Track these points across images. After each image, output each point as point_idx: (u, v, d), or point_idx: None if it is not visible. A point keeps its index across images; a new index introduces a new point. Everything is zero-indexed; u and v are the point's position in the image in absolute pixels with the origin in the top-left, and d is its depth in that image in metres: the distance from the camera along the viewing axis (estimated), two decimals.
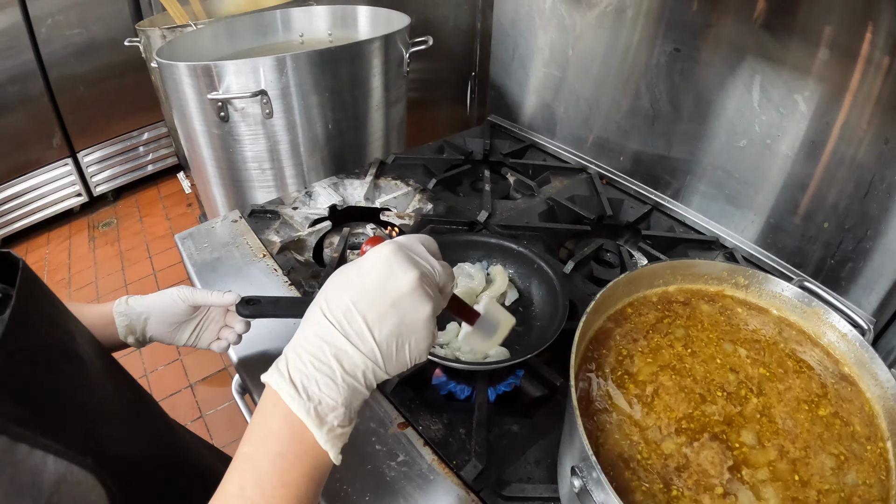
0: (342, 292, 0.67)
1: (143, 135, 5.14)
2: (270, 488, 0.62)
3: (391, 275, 0.67)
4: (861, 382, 0.90)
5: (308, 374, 0.64)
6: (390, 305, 0.66)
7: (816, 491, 0.75)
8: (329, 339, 0.65)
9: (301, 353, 0.66)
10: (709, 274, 1.01)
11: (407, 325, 0.67)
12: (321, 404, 0.64)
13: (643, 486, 0.73)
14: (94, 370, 0.89)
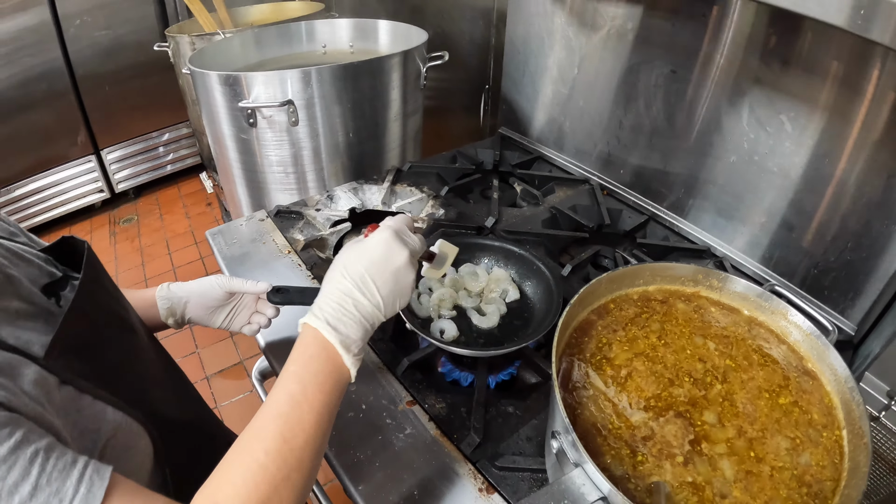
0: (357, 262, 0.92)
1: (165, 135, 5.26)
2: (311, 393, 0.82)
3: (390, 252, 0.93)
4: (822, 377, 0.99)
5: (338, 318, 0.87)
6: (391, 273, 0.93)
7: (770, 467, 0.86)
8: (350, 294, 0.90)
9: (331, 303, 0.89)
10: (685, 276, 1.12)
11: (400, 287, 0.94)
12: (347, 338, 0.87)
13: (612, 451, 0.85)
14: (143, 341, 1.05)
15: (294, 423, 0.79)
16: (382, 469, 1.08)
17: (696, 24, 1.57)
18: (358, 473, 1.08)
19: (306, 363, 0.85)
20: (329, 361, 0.85)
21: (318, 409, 0.82)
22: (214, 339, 3.67)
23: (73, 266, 1.01)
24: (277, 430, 0.77)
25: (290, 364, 0.85)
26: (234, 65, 2.61)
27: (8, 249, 0.93)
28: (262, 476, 0.73)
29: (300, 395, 0.81)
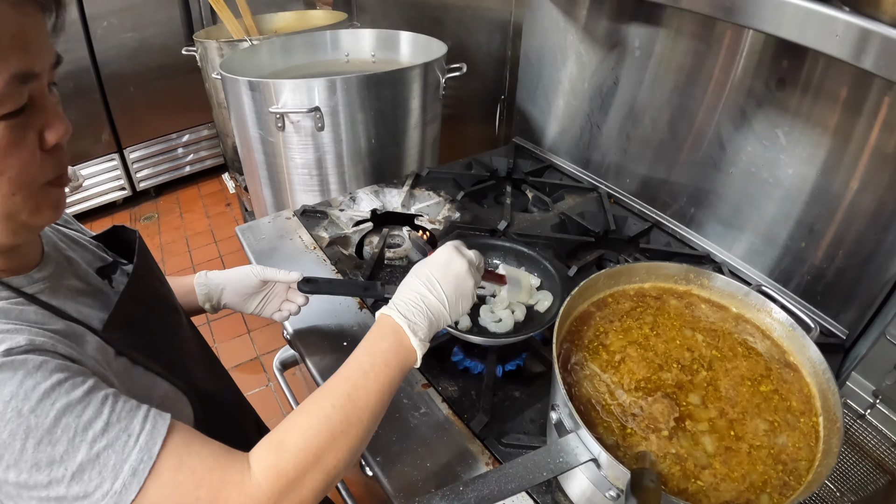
0: (425, 267, 1.07)
1: (187, 136, 5.37)
2: (378, 366, 0.95)
3: (451, 260, 1.08)
4: (803, 369, 1.08)
5: (409, 309, 1.01)
6: (453, 276, 1.06)
7: (749, 445, 0.95)
8: (419, 290, 1.04)
9: (405, 299, 1.03)
10: (678, 274, 1.22)
11: (461, 290, 1.07)
12: (415, 324, 1.00)
13: (604, 424, 0.96)
14: (184, 322, 1.18)
15: (360, 387, 0.92)
16: (399, 443, 1.19)
17: (699, 44, 1.65)
18: (377, 445, 1.19)
19: (378, 342, 0.98)
20: (396, 343, 0.98)
21: (381, 379, 0.94)
22: (232, 334, 3.77)
23: (119, 253, 1.14)
24: (344, 391, 0.91)
25: (364, 342, 0.99)
26: (261, 71, 2.72)
27: (66, 235, 1.05)
28: (327, 425, 0.86)
29: (368, 365, 0.95)
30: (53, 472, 0.70)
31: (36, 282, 0.87)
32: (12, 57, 0.68)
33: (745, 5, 1.10)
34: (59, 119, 0.78)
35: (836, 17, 0.96)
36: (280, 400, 3.35)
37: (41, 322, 0.81)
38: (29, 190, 0.76)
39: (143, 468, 0.74)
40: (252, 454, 0.83)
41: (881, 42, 0.92)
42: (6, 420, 0.68)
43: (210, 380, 1.18)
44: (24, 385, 0.69)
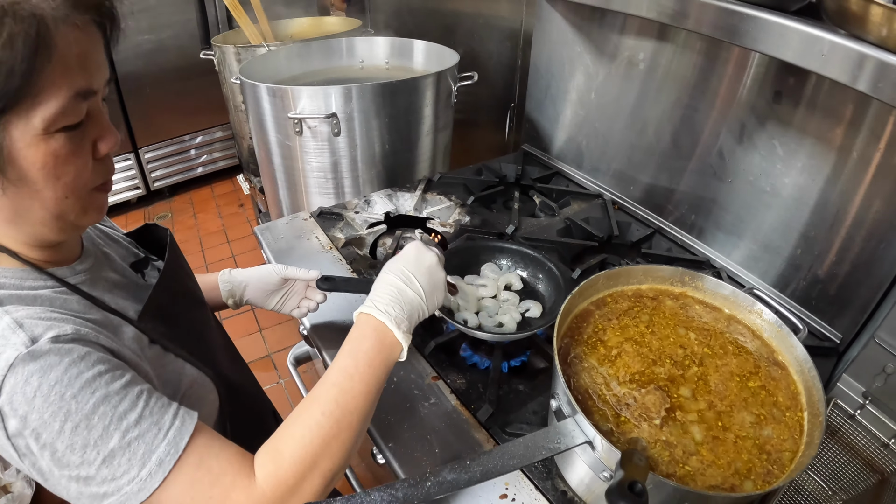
0: (397, 262, 1.14)
1: (200, 137, 5.44)
2: (362, 368, 1.00)
3: (421, 254, 1.15)
4: (790, 368, 1.15)
5: (388, 304, 1.06)
6: (425, 268, 1.14)
7: (735, 435, 1.02)
8: (395, 284, 1.10)
9: (382, 295, 1.08)
10: (673, 277, 1.30)
11: (435, 281, 1.14)
12: (397, 318, 1.05)
13: (600, 412, 1.04)
14: (210, 315, 1.27)
15: (346, 391, 0.97)
16: (409, 431, 1.27)
17: (701, 58, 1.71)
18: (389, 433, 1.27)
19: (359, 343, 1.03)
20: (379, 342, 1.03)
21: (367, 380, 0.99)
22: (244, 332, 3.85)
23: (150, 249, 1.24)
24: (332, 397, 0.96)
25: (346, 344, 1.04)
26: (279, 75, 2.81)
27: (102, 231, 1.15)
28: (318, 432, 0.93)
29: (353, 368, 0.99)
30: (86, 455, 0.78)
31: (77, 273, 0.95)
32: (76, 76, 0.77)
33: (742, 27, 1.17)
34: (110, 131, 0.87)
35: (822, 36, 1.03)
36: (290, 396, 3.43)
37: (82, 311, 0.89)
38: (79, 194, 0.85)
39: (168, 460, 0.82)
40: (255, 460, 0.91)
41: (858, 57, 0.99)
42: (49, 402, 0.76)
43: (234, 369, 1.27)
44: (69, 372, 0.77)
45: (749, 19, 1.14)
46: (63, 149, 0.79)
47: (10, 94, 0.71)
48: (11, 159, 0.76)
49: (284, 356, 3.68)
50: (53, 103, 0.75)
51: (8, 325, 0.78)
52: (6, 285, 0.85)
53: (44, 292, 0.87)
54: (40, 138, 0.76)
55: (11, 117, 0.73)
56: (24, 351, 0.76)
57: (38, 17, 0.71)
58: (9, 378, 0.75)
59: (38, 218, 0.84)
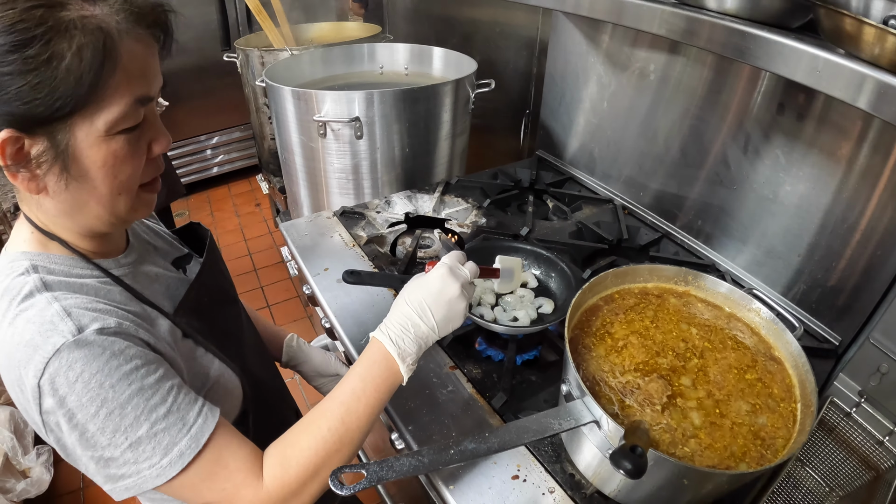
0: (417, 292, 1.13)
1: (218, 137, 5.50)
2: (369, 391, 1.06)
3: (445, 286, 1.13)
4: (786, 363, 1.22)
5: (399, 335, 1.09)
6: (445, 302, 1.13)
7: (731, 422, 1.10)
8: (410, 318, 1.11)
9: (395, 324, 1.11)
10: (676, 276, 1.38)
11: (452, 313, 1.14)
12: (404, 351, 1.08)
13: (606, 396, 1.12)
14: (243, 314, 1.34)
15: (352, 412, 1.04)
16: (428, 415, 1.36)
17: (709, 71, 1.78)
18: (409, 417, 1.35)
19: (370, 367, 1.08)
20: (387, 368, 1.08)
21: (371, 403, 1.06)
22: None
23: (192, 247, 1.32)
24: (338, 415, 1.03)
25: (357, 366, 1.09)
26: (301, 79, 2.88)
27: (148, 227, 1.23)
28: (322, 445, 1.01)
29: (360, 391, 1.06)
30: (115, 439, 0.86)
31: (122, 266, 1.03)
32: (137, 84, 0.86)
33: (746, 45, 1.22)
34: (163, 133, 0.95)
35: (818, 55, 1.08)
36: (305, 393, 3.50)
37: (123, 303, 0.97)
38: (131, 192, 0.93)
39: (189, 453, 0.91)
40: (264, 461, 1.00)
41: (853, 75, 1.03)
42: (89, 388, 0.84)
43: (260, 366, 1.34)
44: (110, 363, 0.85)
45: (752, 38, 1.19)
46: (122, 150, 0.87)
47: (77, 100, 0.79)
48: (75, 157, 0.84)
49: None
50: (116, 108, 0.83)
51: (57, 313, 0.85)
52: (56, 271, 0.93)
53: (90, 281, 0.95)
54: (102, 139, 0.84)
55: (77, 120, 0.81)
56: (71, 339, 0.83)
57: (105, 31, 0.80)
58: (53, 361, 0.82)
59: (92, 212, 0.92)
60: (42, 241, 0.95)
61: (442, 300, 1.12)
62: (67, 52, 0.76)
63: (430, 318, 1.11)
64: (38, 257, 0.93)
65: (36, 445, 2.80)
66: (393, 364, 1.08)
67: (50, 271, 0.92)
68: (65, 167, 0.84)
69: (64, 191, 0.87)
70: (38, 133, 0.81)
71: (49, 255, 0.94)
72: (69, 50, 0.76)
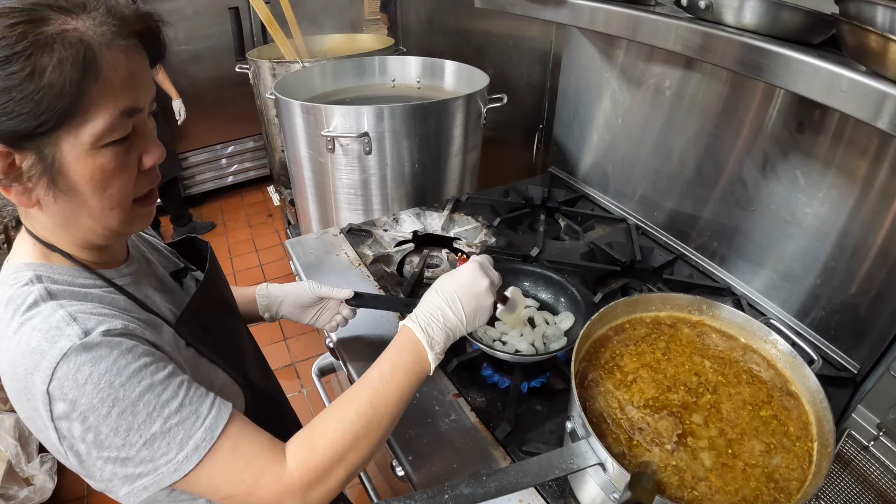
0: (449, 284, 1.16)
1: (232, 147, 5.55)
2: (398, 375, 1.07)
3: (475, 279, 1.16)
4: (802, 398, 1.17)
5: (429, 324, 1.12)
6: (474, 295, 1.16)
7: (744, 463, 1.05)
8: (440, 307, 1.14)
9: (425, 313, 1.13)
10: (690, 305, 1.33)
11: (480, 307, 1.17)
12: (433, 339, 1.11)
13: (613, 435, 1.07)
14: (242, 325, 1.34)
15: (381, 395, 1.04)
16: (429, 445, 1.32)
17: (726, 88, 1.74)
18: (409, 447, 1.32)
19: (398, 353, 1.10)
20: (415, 355, 1.09)
21: (400, 388, 1.06)
22: (269, 340, 3.91)
23: (190, 260, 1.31)
24: (367, 398, 1.03)
25: (387, 352, 1.10)
26: (312, 92, 2.87)
27: (145, 240, 1.23)
28: (350, 429, 1.00)
29: (389, 375, 1.06)
30: (129, 438, 0.85)
31: (124, 276, 1.03)
32: (122, 95, 0.84)
33: (765, 63, 1.18)
34: (155, 145, 0.93)
35: (842, 74, 1.04)
36: (312, 405, 3.48)
37: (128, 310, 0.96)
38: (124, 206, 0.92)
39: (204, 445, 0.89)
40: (287, 448, 0.98)
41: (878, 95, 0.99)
42: (99, 389, 0.82)
43: (261, 377, 1.33)
44: (118, 363, 0.84)
45: (771, 55, 1.15)
46: (110, 162, 0.86)
47: (60, 113, 0.78)
48: (62, 171, 0.83)
49: (307, 365, 3.74)
50: (101, 121, 0.82)
51: (63, 318, 0.85)
52: (60, 281, 0.92)
53: (94, 290, 0.94)
54: (89, 153, 0.83)
55: (62, 133, 0.80)
56: (78, 342, 0.82)
57: (86, 44, 0.79)
58: (61, 365, 0.81)
59: (85, 225, 0.91)
60: (44, 252, 0.94)
61: (471, 292, 1.16)
62: (49, 67, 0.76)
63: (460, 309, 1.14)
64: (42, 268, 0.93)
65: (40, 453, 2.80)
66: (422, 351, 1.10)
67: (54, 281, 0.92)
68: (52, 181, 0.84)
69: (53, 204, 0.87)
70: (27, 148, 0.81)
71: (52, 266, 0.94)
72: (50, 64, 0.76)
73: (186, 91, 4.87)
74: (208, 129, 5.38)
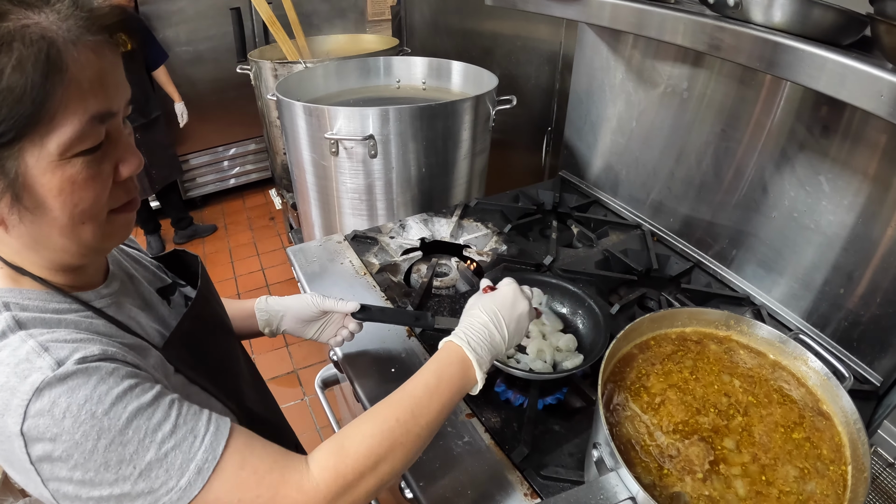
0: (493, 304, 1.16)
1: (234, 149, 5.52)
2: (443, 389, 1.03)
3: (517, 301, 1.18)
4: (835, 418, 1.11)
5: (477, 342, 1.09)
6: (516, 316, 1.16)
7: (778, 490, 0.99)
8: (487, 326, 1.12)
9: (473, 331, 1.11)
10: (718, 320, 1.26)
11: (520, 328, 1.17)
12: (481, 357, 1.08)
13: (643, 463, 1.01)
14: (237, 345, 1.26)
15: (424, 406, 0.99)
16: (442, 469, 1.25)
17: (745, 88, 1.68)
18: (420, 471, 1.24)
19: (445, 367, 1.06)
20: (462, 370, 1.06)
21: (443, 401, 1.02)
22: (270, 347, 3.85)
23: (178, 274, 1.23)
24: (409, 407, 0.98)
25: (431, 363, 1.07)
26: (315, 93, 2.82)
27: (128, 254, 1.14)
28: (388, 435, 0.94)
29: (434, 387, 1.02)
30: (122, 471, 0.76)
31: (103, 297, 0.94)
32: (91, 99, 0.75)
33: (785, 60, 1.13)
34: (131, 153, 0.85)
35: (882, 77, 0.98)
36: (315, 415, 3.41)
37: (110, 335, 0.87)
38: (97, 220, 0.83)
39: (207, 467, 0.81)
40: (313, 456, 0.91)
41: None
42: (80, 422, 0.74)
43: (259, 402, 1.25)
44: (98, 389, 0.75)
45: (804, 55, 1.10)
46: (80, 174, 0.77)
47: (22, 121, 0.70)
48: (27, 186, 0.74)
49: (310, 372, 3.68)
50: (69, 128, 0.73)
51: (33, 349, 0.76)
52: (30, 307, 0.83)
53: (68, 316, 0.86)
54: (56, 164, 0.74)
55: (25, 144, 0.72)
56: (51, 374, 0.74)
57: (49, 40, 0.70)
58: (34, 402, 0.73)
59: (57, 244, 0.82)
60: (12, 276, 0.86)
61: (514, 314, 1.16)
62: (7, 67, 0.68)
63: (504, 330, 1.14)
64: (10, 294, 0.84)
65: None
66: (469, 369, 1.07)
67: (23, 308, 0.83)
68: (16, 198, 0.75)
69: (19, 224, 0.78)
70: None
71: (21, 291, 0.85)
72: (9, 64, 0.68)
73: (187, 92, 4.83)
74: (209, 130, 5.34)
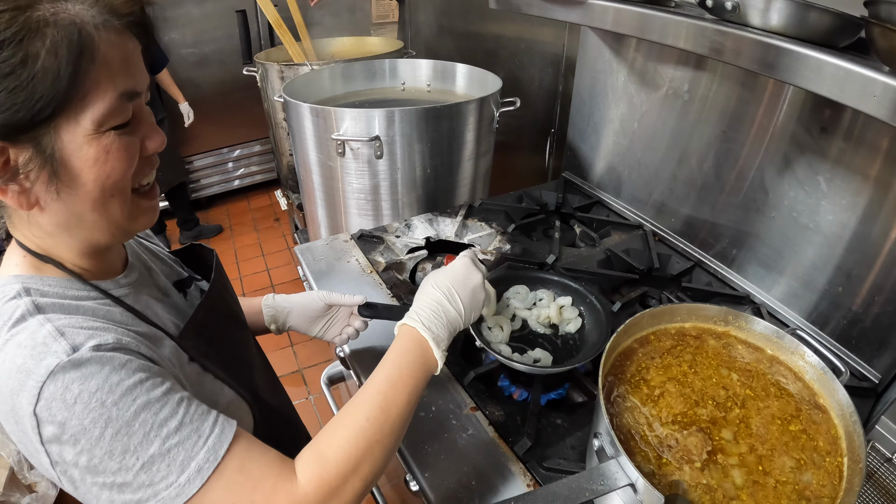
0: (445, 279, 1.19)
1: (239, 150, 5.54)
2: (406, 377, 1.05)
3: (469, 273, 1.21)
4: (831, 412, 1.13)
5: (430, 320, 1.12)
6: (470, 289, 1.20)
7: (775, 480, 1.01)
8: (440, 302, 1.15)
9: (425, 309, 1.14)
10: (717, 316, 1.29)
11: (475, 301, 1.21)
12: (437, 336, 1.11)
13: (642, 453, 1.03)
14: (250, 337, 1.29)
15: (391, 399, 1.00)
16: (446, 461, 1.28)
17: (746, 91, 1.71)
18: (425, 463, 1.27)
19: (403, 354, 1.07)
20: (421, 354, 1.08)
21: (409, 390, 1.03)
22: (275, 346, 3.87)
23: (194, 269, 1.27)
24: (377, 404, 0.99)
25: (391, 353, 1.08)
26: (321, 95, 2.85)
27: (147, 248, 1.17)
28: (363, 436, 0.95)
29: (397, 378, 1.03)
30: (125, 461, 0.79)
31: (122, 286, 0.98)
32: (120, 77, 0.80)
33: (784, 63, 1.16)
34: (156, 130, 0.90)
35: (875, 78, 1.01)
36: (319, 413, 3.45)
37: (126, 323, 0.91)
38: (125, 195, 0.87)
39: (208, 467, 0.83)
40: (297, 464, 0.93)
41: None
42: (90, 408, 0.77)
43: (270, 393, 1.28)
44: (110, 379, 0.79)
45: (802, 59, 1.12)
46: (114, 144, 0.82)
47: (58, 98, 0.74)
48: (64, 161, 0.79)
49: (315, 372, 3.71)
50: (101, 104, 0.78)
51: (49, 333, 0.80)
52: (50, 294, 0.87)
53: (87, 303, 0.89)
54: (91, 137, 0.79)
55: (61, 121, 0.76)
56: (66, 359, 0.77)
57: (79, 24, 0.75)
58: (48, 385, 0.76)
59: (89, 221, 0.86)
60: (35, 264, 0.90)
61: (468, 286, 1.19)
62: (42, 51, 0.73)
63: (459, 303, 1.16)
64: (31, 280, 0.88)
65: None
66: (427, 350, 1.09)
67: (43, 294, 0.87)
68: (54, 173, 0.80)
69: (56, 200, 0.82)
70: (23, 141, 0.76)
71: (42, 278, 0.89)
72: (43, 48, 0.73)
73: (193, 94, 4.85)
74: (215, 132, 5.36)
